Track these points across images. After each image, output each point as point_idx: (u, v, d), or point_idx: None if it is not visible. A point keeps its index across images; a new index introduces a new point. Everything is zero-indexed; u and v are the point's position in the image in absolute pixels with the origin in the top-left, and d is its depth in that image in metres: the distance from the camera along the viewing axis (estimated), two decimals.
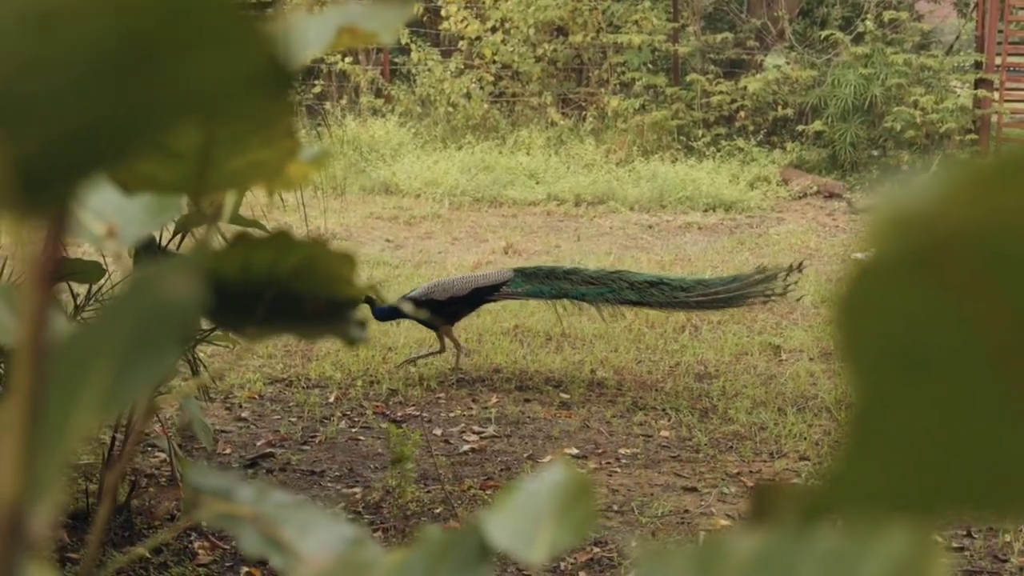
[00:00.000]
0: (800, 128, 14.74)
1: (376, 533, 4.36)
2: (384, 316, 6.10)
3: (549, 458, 5.19)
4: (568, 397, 6.10)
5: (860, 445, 0.36)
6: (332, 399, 6.00)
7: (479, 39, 15.75)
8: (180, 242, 3.37)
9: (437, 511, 4.58)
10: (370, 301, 5.51)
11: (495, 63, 15.71)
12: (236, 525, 0.66)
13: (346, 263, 0.69)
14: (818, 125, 14.45)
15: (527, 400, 6.06)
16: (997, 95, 14.36)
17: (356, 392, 6.09)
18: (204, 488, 0.67)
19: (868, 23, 14.74)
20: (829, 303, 0.34)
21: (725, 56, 15.89)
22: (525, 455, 5.28)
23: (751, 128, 14.90)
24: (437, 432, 5.55)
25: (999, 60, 14.49)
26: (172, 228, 2.84)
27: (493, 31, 15.74)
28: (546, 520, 0.60)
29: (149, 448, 4.85)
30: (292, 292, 0.70)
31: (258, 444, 5.35)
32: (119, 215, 0.72)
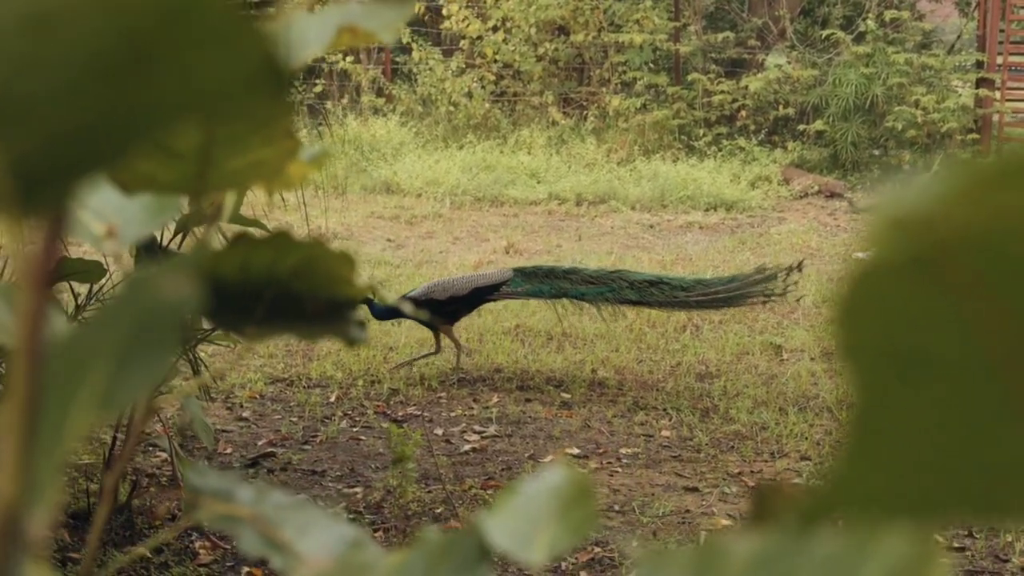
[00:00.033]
0: (801, 127, 14.74)
1: (377, 533, 4.36)
2: (383, 315, 6.10)
3: (550, 458, 5.19)
4: (569, 397, 6.10)
5: (860, 446, 0.36)
6: (333, 399, 6.00)
7: (480, 38, 15.75)
8: (181, 242, 3.36)
9: (438, 511, 4.58)
10: (368, 301, 5.51)
11: (496, 62, 15.71)
12: (236, 526, 0.65)
13: (346, 263, 0.69)
14: (819, 124, 14.45)
15: (528, 400, 6.06)
16: (998, 94, 14.36)
17: (357, 392, 6.09)
18: (203, 489, 0.67)
19: (869, 22, 14.74)
20: (830, 303, 0.34)
21: (726, 55, 15.89)
22: (526, 455, 5.28)
23: (752, 127, 14.90)
24: (438, 432, 5.55)
25: (1000, 59, 14.48)
26: (173, 228, 2.84)
27: (494, 30, 15.74)
28: (546, 521, 0.60)
29: (150, 448, 4.85)
30: (292, 292, 0.70)
31: (259, 444, 5.35)
32: (119, 215, 0.72)
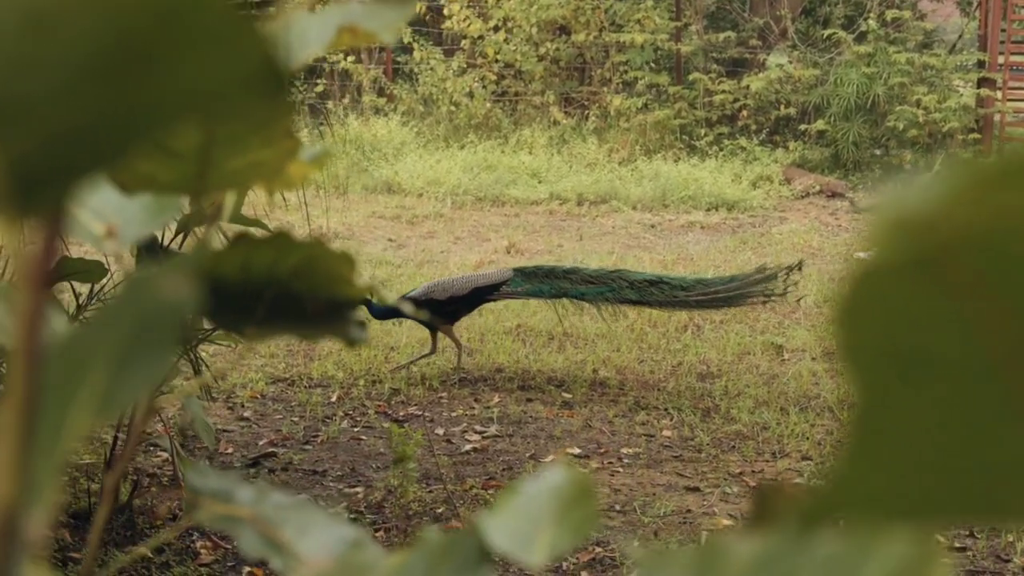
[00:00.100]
0: (803, 127, 14.73)
1: (378, 533, 4.36)
2: (382, 315, 6.10)
3: (551, 458, 5.19)
4: (570, 397, 6.10)
5: (861, 447, 0.35)
6: (334, 398, 6.00)
7: (482, 38, 15.75)
8: (182, 242, 3.36)
9: (439, 511, 4.58)
10: (366, 301, 5.51)
11: (497, 62, 15.71)
12: (236, 526, 0.65)
13: (346, 263, 0.68)
14: (821, 124, 14.45)
15: (529, 400, 6.06)
16: (1000, 94, 14.35)
17: (358, 391, 6.09)
18: (203, 490, 0.67)
19: (871, 22, 14.74)
20: (831, 303, 0.34)
21: (728, 55, 15.88)
22: (527, 455, 5.27)
23: (754, 127, 14.90)
24: (439, 432, 5.55)
25: (1002, 59, 14.48)
26: (175, 227, 2.84)
27: (496, 30, 15.74)
28: (546, 521, 0.60)
29: (151, 448, 4.85)
30: (292, 292, 0.70)
31: (260, 444, 5.35)
32: (119, 215, 0.72)
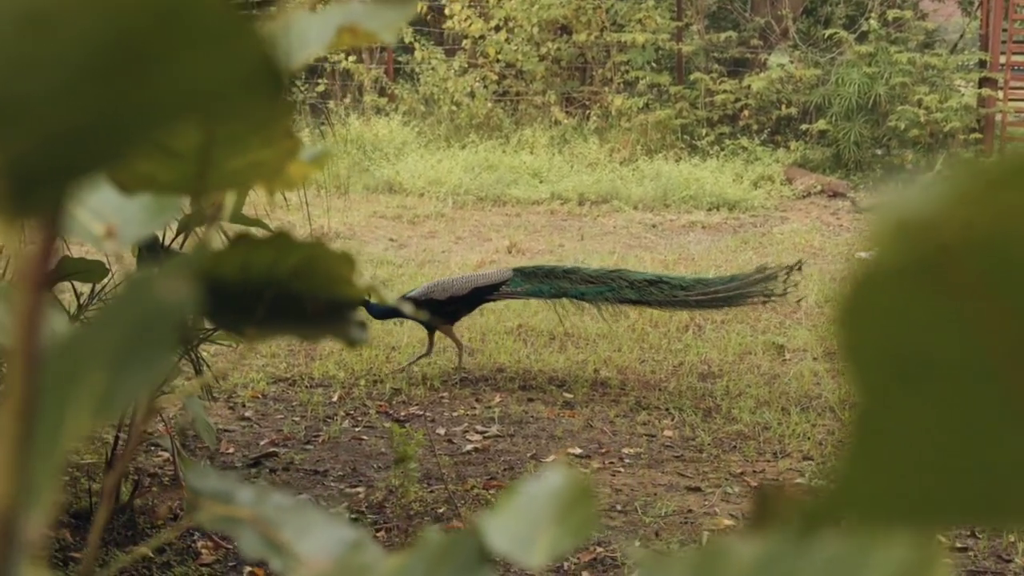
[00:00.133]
0: (804, 127, 14.73)
1: (379, 533, 4.36)
2: (382, 315, 6.10)
3: (553, 458, 5.19)
4: (571, 397, 6.10)
5: (862, 447, 0.35)
6: (335, 398, 6.00)
7: (483, 38, 15.75)
8: (183, 242, 3.37)
9: (440, 511, 4.58)
10: (365, 301, 5.51)
11: (499, 62, 15.71)
12: (236, 527, 0.65)
13: (346, 263, 0.68)
14: (822, 124, 14.44)
15: (530, 400, 6.06)
16: (1001, 94, 14.34)
17: (359, 391, 6.09)
18: (204, 490, 0.67)
19: (872, 22, 14.73)
20: (833, 303, 0.34)
21: (729, 55, 15.88)
22: (528, 455, 5.27)
23: (755, 127, 14.89)
24: (440, 432, 5.55)
25: (1003, 59, 14.47)
26: (175, 227, 2.84)
27: (497, 30, 15.74)
28: (547, 522, 0.60)
29: (152, 448, 4.85)
30: (292, 292, 0.70)
31: (261, 444, 5.35)
32: (118, 215, 0.72)
